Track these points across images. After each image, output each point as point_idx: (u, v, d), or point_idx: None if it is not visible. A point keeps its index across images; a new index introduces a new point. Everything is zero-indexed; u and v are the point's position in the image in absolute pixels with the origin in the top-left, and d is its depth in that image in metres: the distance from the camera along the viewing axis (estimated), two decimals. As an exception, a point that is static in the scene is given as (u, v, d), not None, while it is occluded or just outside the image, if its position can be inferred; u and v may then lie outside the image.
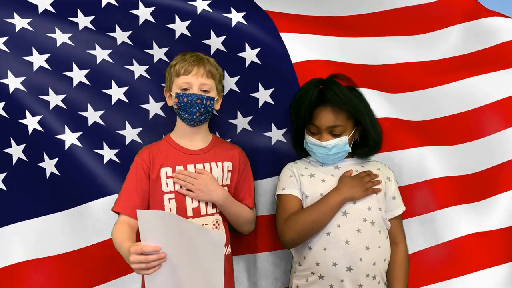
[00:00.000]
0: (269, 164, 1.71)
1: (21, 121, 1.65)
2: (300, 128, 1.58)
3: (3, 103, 1.64)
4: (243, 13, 1.77)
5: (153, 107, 1.73)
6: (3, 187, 1.67)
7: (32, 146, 1.66)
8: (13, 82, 1.65)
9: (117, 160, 1.69)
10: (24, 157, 1.67)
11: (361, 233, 1.43)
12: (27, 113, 1.65)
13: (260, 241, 1.72)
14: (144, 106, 1.73)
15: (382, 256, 1.46)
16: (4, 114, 1.65)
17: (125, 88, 1.72)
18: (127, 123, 1.71)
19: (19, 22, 1.70)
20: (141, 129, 1.72)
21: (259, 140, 1.72)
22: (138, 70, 1.75)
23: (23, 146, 1.66)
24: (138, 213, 1.14)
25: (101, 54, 1.73)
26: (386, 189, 1.54)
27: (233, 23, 1.74)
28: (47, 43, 1.71)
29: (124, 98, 1.72)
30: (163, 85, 1.74)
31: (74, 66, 1.71)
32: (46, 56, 1.70)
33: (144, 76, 1.74)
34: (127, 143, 1.71)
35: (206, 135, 1.59)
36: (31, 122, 1.65)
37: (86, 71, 1.71)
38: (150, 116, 1.73)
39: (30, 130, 1.65)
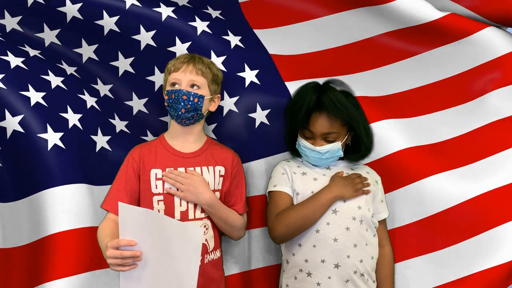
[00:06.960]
0: (254, 146, 1.67)
1: None
2: (294, 130, 1.59)
3: None
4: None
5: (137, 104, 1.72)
6: None
7: None
8: None
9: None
10: None
11: (349, 231, 1.45)
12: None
13: (250, 218, 1.67)
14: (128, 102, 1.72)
15: (370, 254, 1.49)
16: None
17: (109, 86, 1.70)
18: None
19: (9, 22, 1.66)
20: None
21: (244, 121, 1.66)
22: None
23: None
24: (120, 205, 1.14)
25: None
26: (375, 191, 1.57)
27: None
28: (35, 42, 1.66)
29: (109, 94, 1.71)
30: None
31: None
32: (36, 52, 1.64)
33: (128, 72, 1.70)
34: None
35: (199, 137, 1.55)
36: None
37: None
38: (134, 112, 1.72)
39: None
